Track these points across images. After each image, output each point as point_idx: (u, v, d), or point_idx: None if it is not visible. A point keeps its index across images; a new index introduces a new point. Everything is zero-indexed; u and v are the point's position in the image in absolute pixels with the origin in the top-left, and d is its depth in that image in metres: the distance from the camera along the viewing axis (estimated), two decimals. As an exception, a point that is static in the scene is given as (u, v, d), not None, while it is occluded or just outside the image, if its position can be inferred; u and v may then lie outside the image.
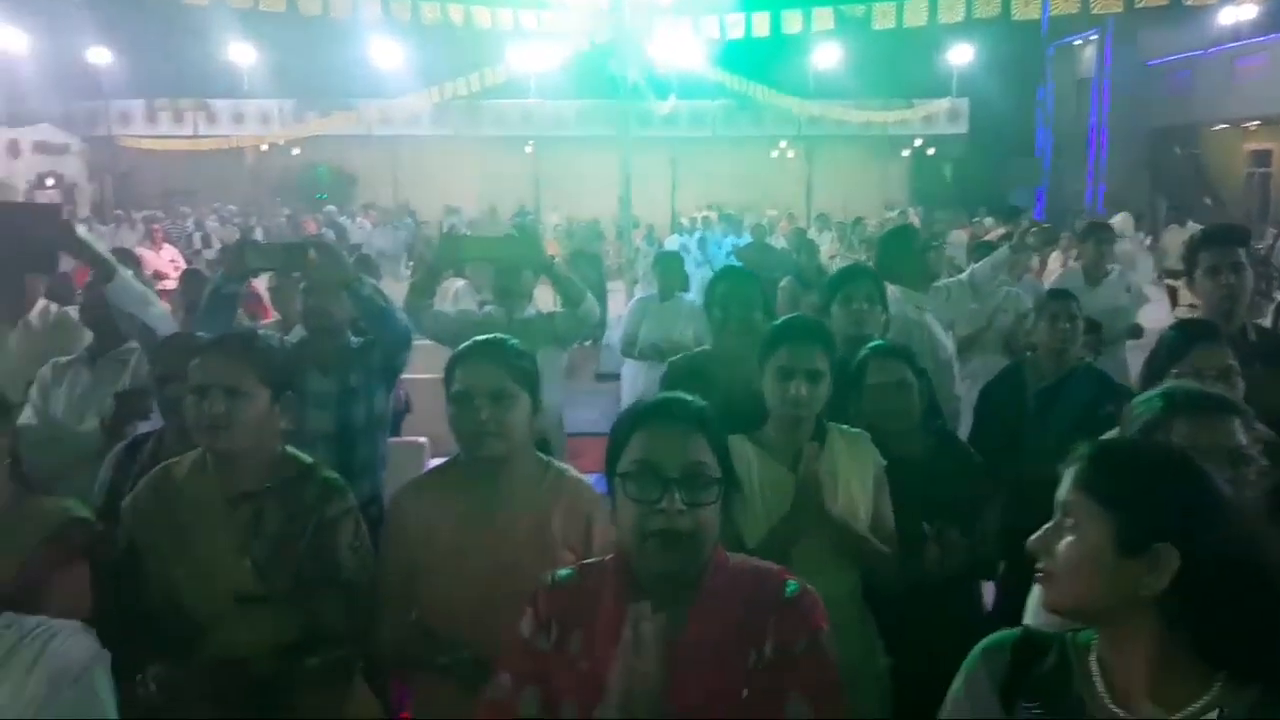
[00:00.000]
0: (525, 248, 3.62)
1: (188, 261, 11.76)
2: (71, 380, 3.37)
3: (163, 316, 3.17)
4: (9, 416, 2.22)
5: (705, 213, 19.58)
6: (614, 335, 11.05)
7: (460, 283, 6.80)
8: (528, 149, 28.63)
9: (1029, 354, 3.82)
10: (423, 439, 4.77)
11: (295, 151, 28.75)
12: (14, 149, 22.61)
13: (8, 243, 2.85)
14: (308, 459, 2.25)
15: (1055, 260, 9.10)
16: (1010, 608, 2.63)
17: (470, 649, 2.04)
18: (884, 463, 2.45)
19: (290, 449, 2.25)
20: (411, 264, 17.45)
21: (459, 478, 2.21)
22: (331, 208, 21.18)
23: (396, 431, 4.50)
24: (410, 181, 28.23)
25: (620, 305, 10.41)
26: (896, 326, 3.62)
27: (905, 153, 29.69)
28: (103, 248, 3.14)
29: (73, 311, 4.05)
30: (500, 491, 2.16)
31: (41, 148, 23.75)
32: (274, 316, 5.54)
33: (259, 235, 18.82)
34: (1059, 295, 3.70)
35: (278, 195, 27.71)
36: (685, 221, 18.80)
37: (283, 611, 2.06)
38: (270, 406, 2.15)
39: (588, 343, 11.46)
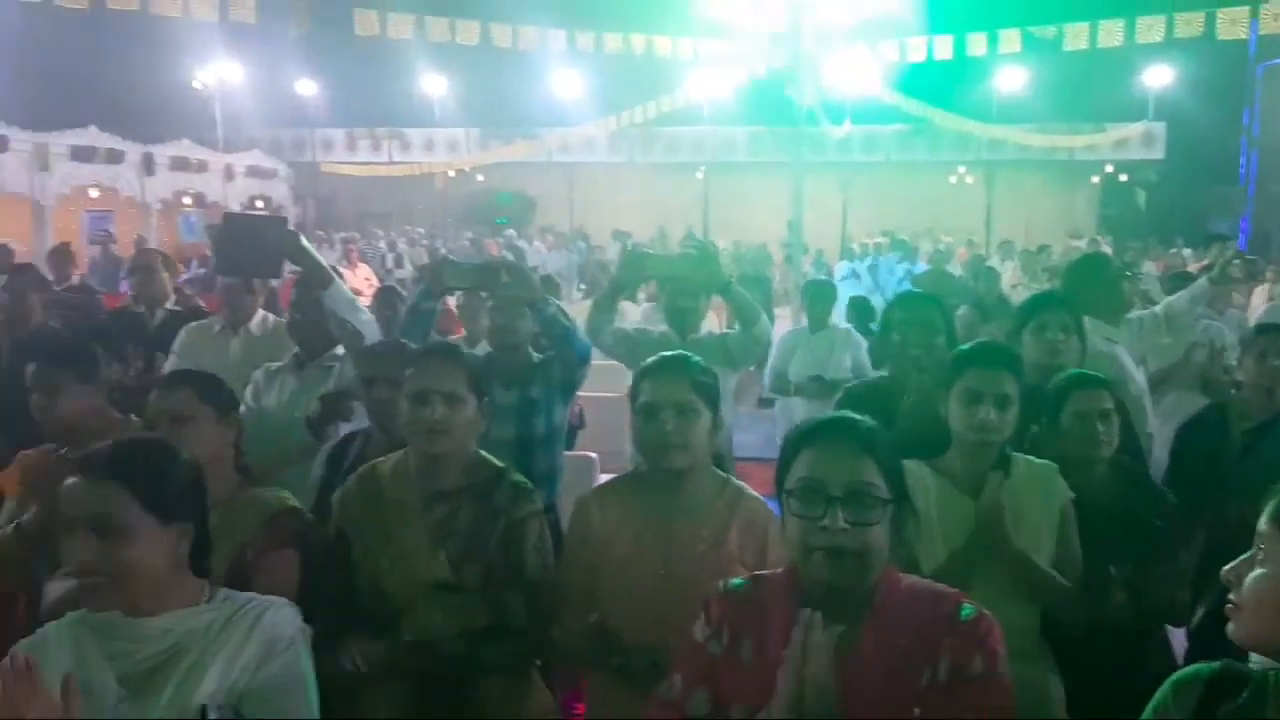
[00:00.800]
0: (705, 267, 3.68)
1: (380, 280, 12.51)
2: (281, 384, 3.67)
3: (370, 323, 3.42)
4: (236, 413, 2.47)
5: (878, 239, 19.24)
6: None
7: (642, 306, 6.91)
8: (699, 174, 28.96)
9: (1234, 392, 3.59)
10: (593, 454, 4.92)
11: (479, 177, 30.16)
12: (229, 173, 24.67)
13: (243, 250, 3.15)
14: (499, 463, 2.38)
15: (1260, 295, 8.47)
16: (1204, 655, 2.48)
17: (644, 651, 2.11)
18: (1072, 496, 2.37)
19: (483, 452, 2.39)
20: (583, 286, 17.96)
21: (641, 487, 2.30)
22: (511, 231, 22.06)
23: (570, 446, 4.66)
24: (585, 206, 29.04)
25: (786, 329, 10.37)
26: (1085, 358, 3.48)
27: (1095, 179, 28.23)
28: (321, 258, 3.41)
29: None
30: (680, 503, 2.24)
31: (253, 172, 25.80)
32: (462, 331, 5.85)
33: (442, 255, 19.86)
34: (1270, 330, 3.45)
35: (462, 218, 29.16)
36: (856, 248, 18.53)
37: (472, 601, 2.20)
38: (477, 412, 2.31)
39: (751, 367, 11.46)
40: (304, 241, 3.28)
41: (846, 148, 23.99)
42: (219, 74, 26.17)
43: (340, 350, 3.78)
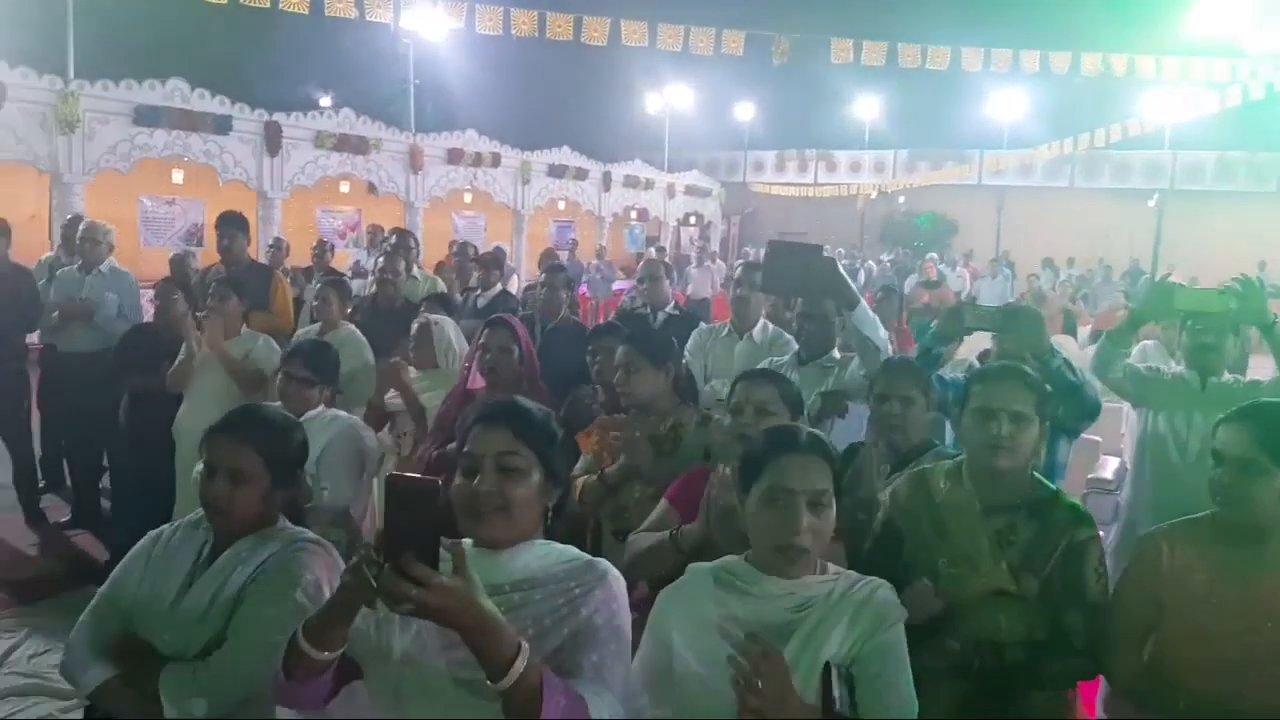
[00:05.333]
0: (1249, 304, 3.40)
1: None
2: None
3: (886, 340, 3.61)
4: (803, 413, 2.79)
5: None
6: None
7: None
8: (1150, 202, 26.39)
9: None
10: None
11: (901, 199, 29.94)
12: (670, 191, 26.76)
13: (787, 272, 3.48)
14: (1052, 486, 2.44)
15: None
16: None
17: (1213, 703, 2.06)
18: None
19: (1035, 474, 2.46)
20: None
21: (1219, 534, 2.22)
22: (932, 255, 21.61)
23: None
24: (1012, 231, 27.70)
25: None
26: None
27: None
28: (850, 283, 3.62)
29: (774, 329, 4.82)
30: (1264, 555, 2.15)
31: (690, 190, 27.76)
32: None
33: (862, 277, 19.97)
34: None
35: (879, 239, 29.13)
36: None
37: (1032, 613, 2.27)
38: (1041, 433, 2.40)
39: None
40: (839, 267, 3.54)
41: (1347, 177, 20.64)
42: (670, 99, 28.47)
43: (836, 354, 4.08)
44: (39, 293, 6.32)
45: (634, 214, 26.27)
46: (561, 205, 23.35)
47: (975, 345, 4.65)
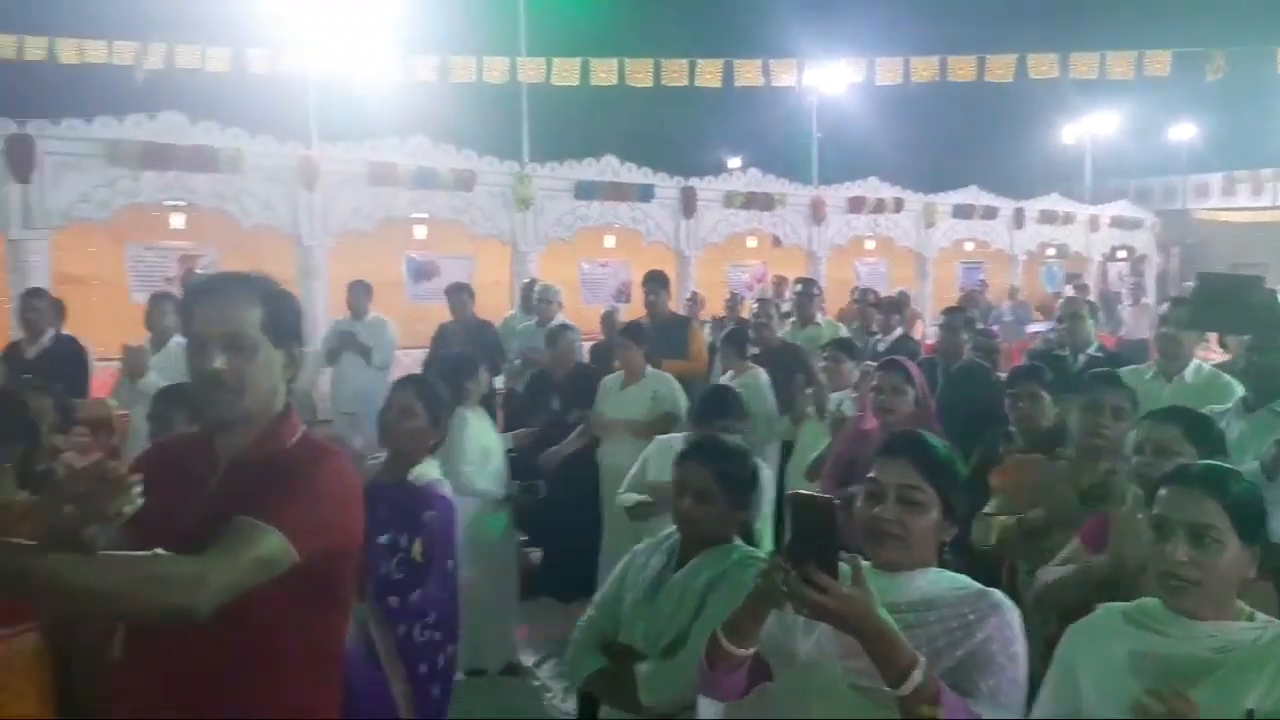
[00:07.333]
0: None
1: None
2: (1229, 425, 3.66)
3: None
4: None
5: None
6: None
7: None
8: None
9: None
10: None
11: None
12: (1094, 224, 24.72)
13: (1219, 305, 3.23)
14: None
15: None
16: None
17: None
18: None
19: None
20: None
21: None
22: None
23: None
24: None
25: None
26: None
27: None
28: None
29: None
30: None
31: (1118, 222, 25.43)
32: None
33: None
34: None
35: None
36: None
37: None
38: None
39: None
40: None
41: None
42: (1090, 128, 26.45)
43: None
44: (501, 344, 7.48)
45: (1051, 251, 24.61)
46: (969, 246, 22.50)
47: None
